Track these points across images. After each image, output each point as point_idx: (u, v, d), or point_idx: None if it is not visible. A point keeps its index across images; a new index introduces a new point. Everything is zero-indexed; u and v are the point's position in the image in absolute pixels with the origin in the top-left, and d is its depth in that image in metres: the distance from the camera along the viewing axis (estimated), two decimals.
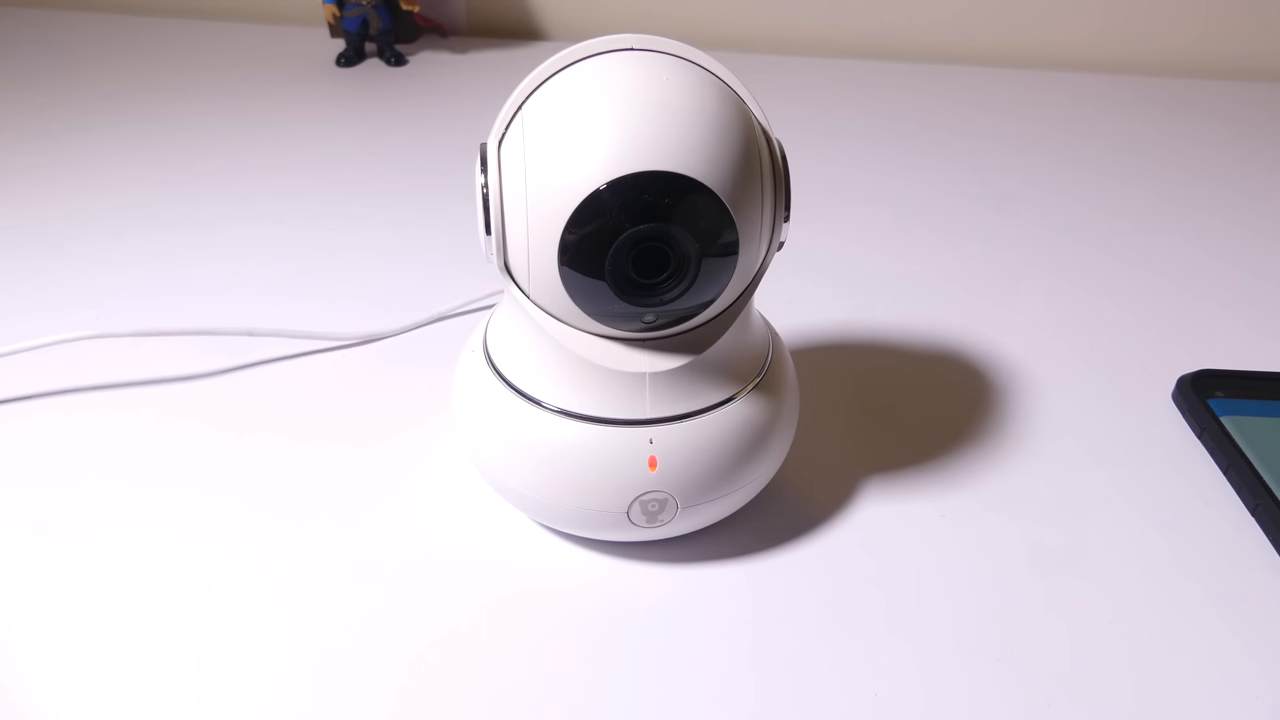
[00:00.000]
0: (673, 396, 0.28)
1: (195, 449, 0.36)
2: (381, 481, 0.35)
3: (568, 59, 0.27)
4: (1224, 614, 0.30)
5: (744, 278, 0.28)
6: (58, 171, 0.57)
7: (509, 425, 0.30)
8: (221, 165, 0.58)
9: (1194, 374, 0.39)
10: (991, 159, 0.62)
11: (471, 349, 0.32)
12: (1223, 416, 0.36)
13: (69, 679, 0.28)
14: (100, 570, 0.31)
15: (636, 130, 0.25)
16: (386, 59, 0.74)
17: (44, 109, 0.65)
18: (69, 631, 0.29)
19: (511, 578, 0.31)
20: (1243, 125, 0.68)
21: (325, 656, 0.28)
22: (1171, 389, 0.40)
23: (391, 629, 0.29)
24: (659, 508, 0.29)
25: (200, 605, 0.30)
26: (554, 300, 0.27)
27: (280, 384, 0.40)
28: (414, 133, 0.63)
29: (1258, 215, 0.56)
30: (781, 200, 0.28)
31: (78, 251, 0.49)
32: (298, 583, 0.31)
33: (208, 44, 0.77)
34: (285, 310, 0.44)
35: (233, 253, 0.49)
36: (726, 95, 0.27)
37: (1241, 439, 0.35)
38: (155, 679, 0.28)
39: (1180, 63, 0.78)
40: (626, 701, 0.27)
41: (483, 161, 0.27)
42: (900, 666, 0.28)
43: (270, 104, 0.67)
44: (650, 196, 0.25)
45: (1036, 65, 0.78)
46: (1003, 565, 0.32)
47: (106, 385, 0.39)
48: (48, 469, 0.35)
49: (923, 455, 0.36)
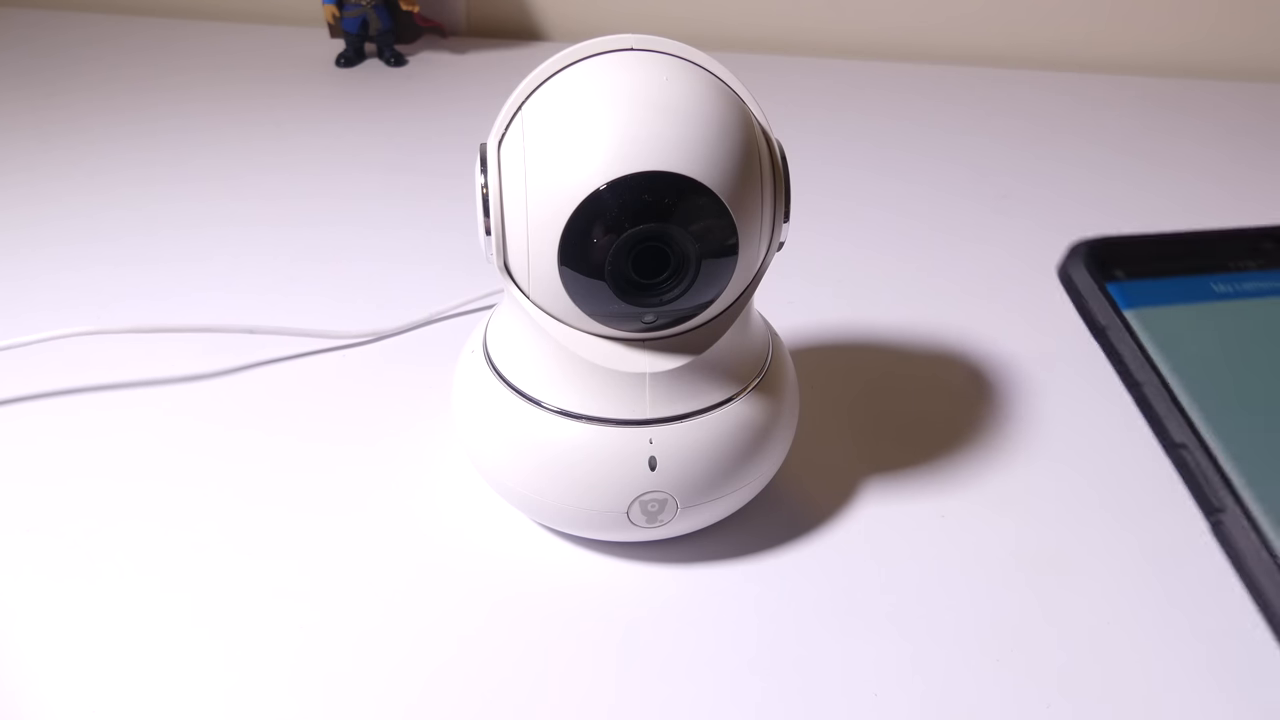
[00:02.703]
0: (673, 396, 0.28)
1: (195, 448, 0.36)
2: (381, 481, 0.35)
3: (567, 59, 0.27)
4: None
5: (744, 278, 0.28)
6: (58, 171, 0.57)
7: (509, 425, 0.30)
8: (221, 165, 0.58)
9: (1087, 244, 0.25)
10: (991, 159, 0.62)
11: (471, 349, 0.32)
12: (1126, 310, 0.23)
13: (70, 679, 0.28)
14: (101, 569, 0.31)
15: (636, 130, 0.25)
16: (386, 59, 0.74)
17: (44, 109, 0.65)
18: (70, 631, 0.29)
19: (511, 578, 0.31)
20: (1242, 125, 0.68)
21: (325, 656, 0.28)
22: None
23: (391, 629, 0.29)
24: (659, 508, 0.29)
25: (200, 604, 0.30)
26: (554, 300, 0.27)
27: (280, 383, 0.40)
28: (414, 133, 0.63)
29: (1257, 216, 0.56)
30: (781, 200, 0.28)
31: (78, 251, 0.49)
32: (297, 582, 0.31)
33: (208, 44, 0.77)
34: (285, 309, 0.44)
35: (233, 252, 0.49)
36: (726, 95, 0.27)
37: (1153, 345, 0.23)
38: (156, 679, 0.28)
39: (1180, 63, 0.78)
40: (626, 701, 0.27)
41: (483, 162, 0.27)
42: (901, 667, 0.28)
43: (270, 104, 0.67)
44: (650, 197, 0.25)
45: (1036, 65, 0.78)
46: (1003, 566, 0.32)
47: (108, 385, 0.39)
48: (48, 468, 0.35)
49: (923, 456, 0.36)
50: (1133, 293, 0.23)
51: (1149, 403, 0.22)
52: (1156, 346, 0.22)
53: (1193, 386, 0.21)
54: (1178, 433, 0.21)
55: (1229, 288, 0.23)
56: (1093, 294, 0.24)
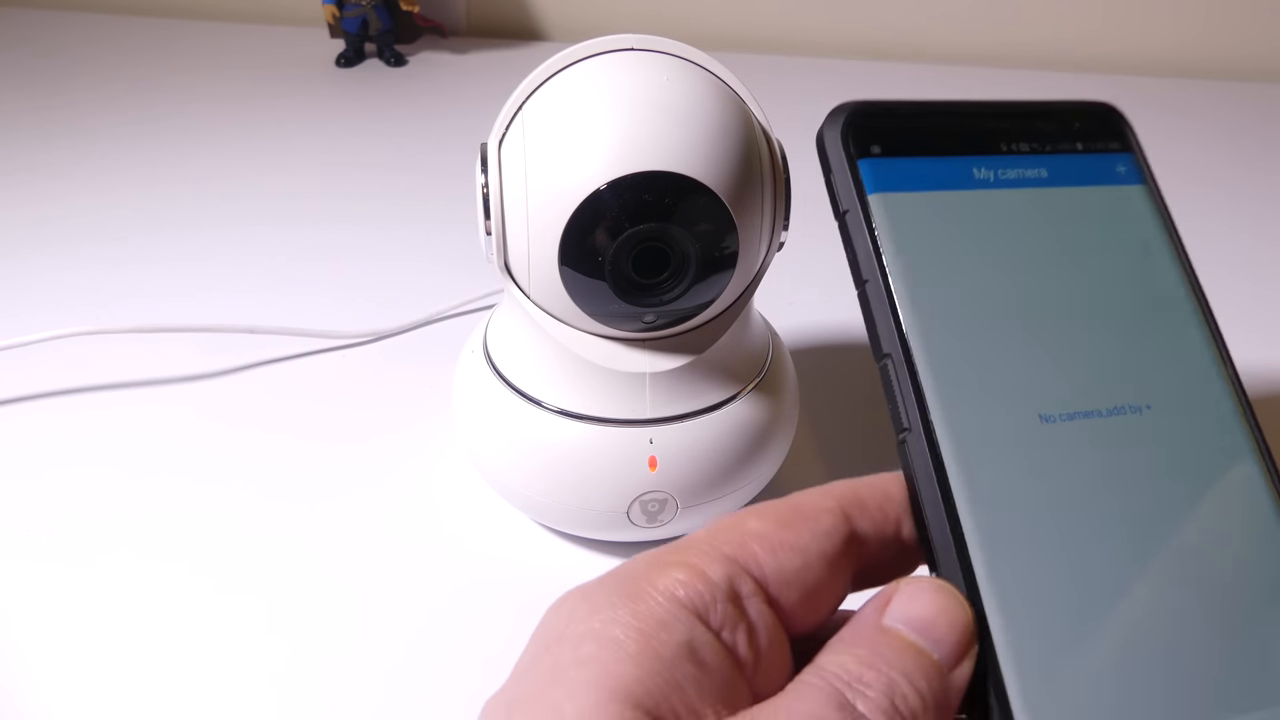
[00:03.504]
0: (673, 396, 0.28)
1: (195, 448, 0.36)
2: (381, 481, 0.35)
3: (568, 59, 0.27)
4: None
5: (744, 278, 0.28)
6: (59, 171, 0.57)
7: (509, 425, 0.30)
8: (222, 165, 0.58)
9: (850, 108, 0.20)
10: None
11: (471, 349, 0.32)
12: (872, 194, 0.19)
13: (70, 677, 0.28)
14: (100, 569, 0.31)
15: (636, 131, 0.25)
16: (386, 59, 0.74)
17: (46, 109, 0.65)
18: (69, 629, 0.29)
19: (511, 577, 0.31)
20: (1241, 126, 0.68)
21: (325, 655, 0.28)
22: None
23: (391, 628, 0.29)
24: (659, 508, 0.29)
25: (200, 603, 0.30)
26: (554, 300, 0.27)
27: (280, 383, 0.40)
28: (414, 133, 0.63)
29: (1256, 216, 0.56)
30: (781, 201, 0.28)
31: (79, 251, 0.49)
32: (297, 582, 0.31)
33: (208, 44, 0.77)
34: (285, 309, 0.44)
35: (233, 252, 0.49)
36: (727, 96, 0.27)
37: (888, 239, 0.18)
38: (156, 677, 0.28)
39: (1180, 63, 0.78)
40: None
41: (483, 162, 0.27)
42: None
43: (270, 104, 0.67)
44: (650, 197, 0.25)
45: (1036, 65, 0.78)
46: None
47: (108, 385, 0.39)
48: (48, 468, 0.35)
49: None
50: (885, 172, 0.19)
51: (868, 305, 0.19)
52: (891, 241, 0.18)
53: (917, 293, 0.18)
54: (887, 342, 0.18)
55: (991, 174, 0.19)
56: (841, 169, 0.20)
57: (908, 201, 0.19)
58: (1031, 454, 0.17)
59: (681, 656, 0.14)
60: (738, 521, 0.16)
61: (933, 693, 0.15)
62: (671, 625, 0.15)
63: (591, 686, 0.14)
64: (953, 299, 0.18)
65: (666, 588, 0.15)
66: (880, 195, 0.19)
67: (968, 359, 0.17)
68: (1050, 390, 0.17)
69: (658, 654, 0.14)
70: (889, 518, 0.17)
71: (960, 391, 0.17)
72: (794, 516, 0.16)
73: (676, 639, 0.15)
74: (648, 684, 0.14)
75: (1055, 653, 0.15)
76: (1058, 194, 0.20)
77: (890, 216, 0.19)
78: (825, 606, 0.16)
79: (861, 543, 0.17)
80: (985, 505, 0.16)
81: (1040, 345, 0.18)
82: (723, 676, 0.15)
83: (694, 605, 0.15)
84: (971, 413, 0.17)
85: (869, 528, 0.17)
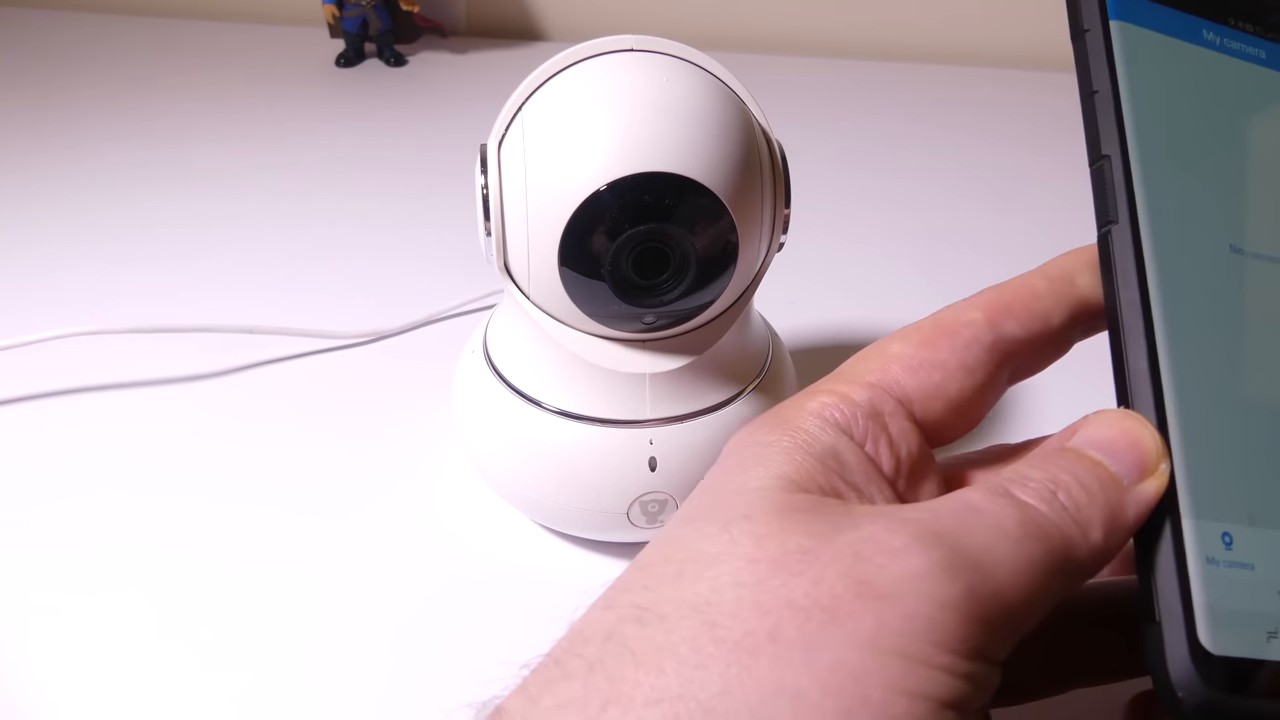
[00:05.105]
0: (673, 397, 0.28)
1: (194, 448, 0.36)
2: (380, 481, 0.35)
3: (568, 60, 0.27)
4: None
5: (744, 278, 0.28)
6: (57, 171, 0.57)
7: (509, 426, 0.30)
8: (221, 165, 0.58)
9: None
10: (991, 159, 0.62)
11: (471, 349, 0.32)
12: (1114, 19, 0.21)
13: (69, 678, 0.28)
14: (99, 569, 0.31)
15: (636, 131, 0.25)
16: (386, 59, 0.74)
17: (43, 109, 0.65)
18: (69, 631, 0.29)
19: (511, 578, 0.31)
20: None
21: (324, 655, 0.28)
22: None
23: (391, 629, 0.29)
24: (659, 508, 0.29)
25: (199, 603, 0.30)
26: (554, 301, 0.27)
27: (279, 383, 0.40)
28: (414, 133, 0.63)
29: None
30: (781, 201, 0.28)
31: (77, 251, 0.49)
32: (297, 582, 0.31)
33: (207, 44, 0.77)
34: (285, 309, 0.44)
35: (232, 252, 0.49)
36: (726, 96, 0.27)
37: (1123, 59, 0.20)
38: (155, 678, 0.28)
39: None
40: None
41: (483, 162, 0.27)
42: None
43: (270, 104, 0.67)
44: (650, 197, 0.25)
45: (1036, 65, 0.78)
46: None
47: (107, 385, 0.39)
48: (48, 468, 0.35)
49: None
50: (1126, 4, 0.21)
51: (1094, 112, 0.20)
52: (1125, 61, 0.20)
53: (1140, 109, 0.20)
54: (1107, 144, 0.20)
55: (1217, 39, 0.21)
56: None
57: (1141, 34, 0.21)
58: (1218, 280, 0.18)
59: (830, 456, 0.17)
60: (881, 347, 0.19)
61: (1105, 497, 0.15)
62: (819, 435, 0.17)
63: (756, 470, 0.16)
64: (1175, 126, 0.20)
65: (814, 409, 0.17)
66: (1120, 22, 0.21)
67: (1178, 180, 0.19)
68: (1244, 228, 0.19)
69: (808, 453, 0.17)
70: (1036, 315, 0.18)
71: (1164, 203, 0.19)
72: (934, 333, 0.18)
73: (824, 443, 0.17)
74: (803, 471, 0.16)
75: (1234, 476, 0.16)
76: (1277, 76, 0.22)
77: (1125, 40, 0.21)
78: (977, 410, 0.19)
79: (1011, 343, 0.18)
80: (1176, 303, 0.17)
81: (1246, 188, 0.20)
82: (867, 478, 0.17)
83: (838, 421, 0.17)
84: (1170, 224, 0.19)
85: (1017, 328, 0.18)
